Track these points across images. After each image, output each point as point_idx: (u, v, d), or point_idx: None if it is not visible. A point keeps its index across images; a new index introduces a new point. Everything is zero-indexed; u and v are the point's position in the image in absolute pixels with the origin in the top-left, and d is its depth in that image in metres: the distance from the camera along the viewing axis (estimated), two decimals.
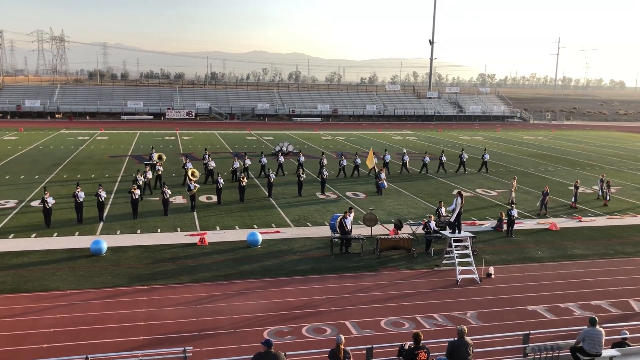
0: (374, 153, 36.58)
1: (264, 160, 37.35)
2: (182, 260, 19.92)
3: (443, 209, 23.86)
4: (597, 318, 11.49)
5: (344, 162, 38.32)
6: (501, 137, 70.51)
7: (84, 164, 40.63)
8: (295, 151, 48.11)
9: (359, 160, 38.73)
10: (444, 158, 40.71)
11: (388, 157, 39.47)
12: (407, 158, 40.56)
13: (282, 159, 38.15)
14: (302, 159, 37.98)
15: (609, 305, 16.90)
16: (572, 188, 30.90)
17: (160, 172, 32.47)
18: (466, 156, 41.31)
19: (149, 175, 31.67)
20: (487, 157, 41.22)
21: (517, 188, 31.44)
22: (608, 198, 31.14)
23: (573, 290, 18.03)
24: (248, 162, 36.10)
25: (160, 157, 35.56)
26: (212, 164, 35.29)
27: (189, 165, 33.86)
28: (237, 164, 35.08)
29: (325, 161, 36.16)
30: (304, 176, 32.57)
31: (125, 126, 73.27)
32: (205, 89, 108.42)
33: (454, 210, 19.63)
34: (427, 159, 40.61)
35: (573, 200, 30.22)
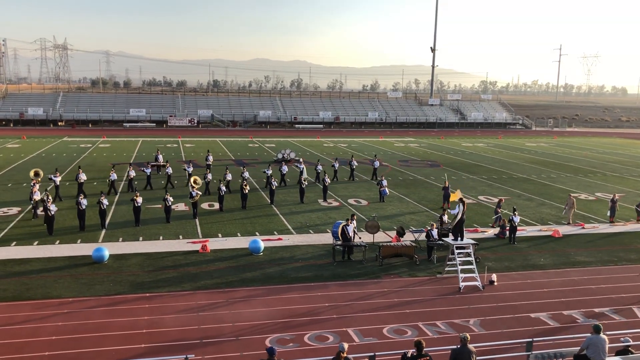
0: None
1: (269, 171, 34.33)
2: (184, 268, 19.91)
3: (446, 216, 23.79)
4: (601, 325, 11.44)
5: (336, 165, 38.84)
6: (503, 144, 70.48)
7: (86, 172, 40.61)
8: (297, 158, 48.15)
9: (355, 164, 39.62)
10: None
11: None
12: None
13: (285, 168, 36.79)
14: (303, 167, 36.84)
15: (613, 312, 16.82)
16: (608, 202, 29.36)
17: (37, 189, 27.70)
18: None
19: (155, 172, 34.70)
20: (377, 164, 40.39)
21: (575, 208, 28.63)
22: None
23: (576, 298, 17.95)
24: (229, 176, 34.23)
25: (36, 174, 30.95)
26: (210, 159, 37.99)
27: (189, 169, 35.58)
28: (229, 176, 34.14)
29: (320, 167, 37.17)
30: (306, 183, 32.52)
31: (127, 134, 73.44)
32: (208, 97, 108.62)
33: (455, 216, 19.63)
34: (376, 163, 40.48)
35: (609, 214, 28.53)
